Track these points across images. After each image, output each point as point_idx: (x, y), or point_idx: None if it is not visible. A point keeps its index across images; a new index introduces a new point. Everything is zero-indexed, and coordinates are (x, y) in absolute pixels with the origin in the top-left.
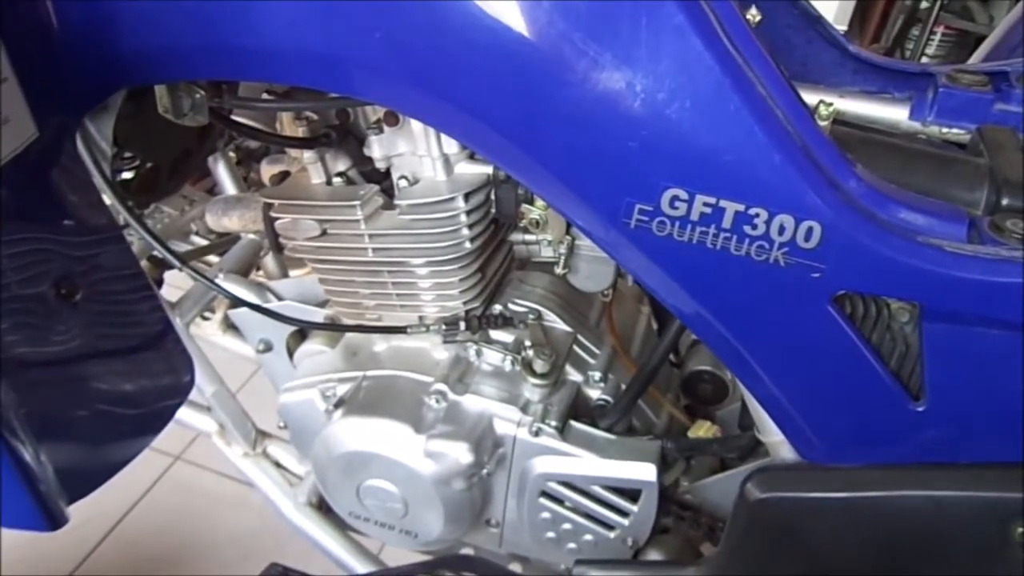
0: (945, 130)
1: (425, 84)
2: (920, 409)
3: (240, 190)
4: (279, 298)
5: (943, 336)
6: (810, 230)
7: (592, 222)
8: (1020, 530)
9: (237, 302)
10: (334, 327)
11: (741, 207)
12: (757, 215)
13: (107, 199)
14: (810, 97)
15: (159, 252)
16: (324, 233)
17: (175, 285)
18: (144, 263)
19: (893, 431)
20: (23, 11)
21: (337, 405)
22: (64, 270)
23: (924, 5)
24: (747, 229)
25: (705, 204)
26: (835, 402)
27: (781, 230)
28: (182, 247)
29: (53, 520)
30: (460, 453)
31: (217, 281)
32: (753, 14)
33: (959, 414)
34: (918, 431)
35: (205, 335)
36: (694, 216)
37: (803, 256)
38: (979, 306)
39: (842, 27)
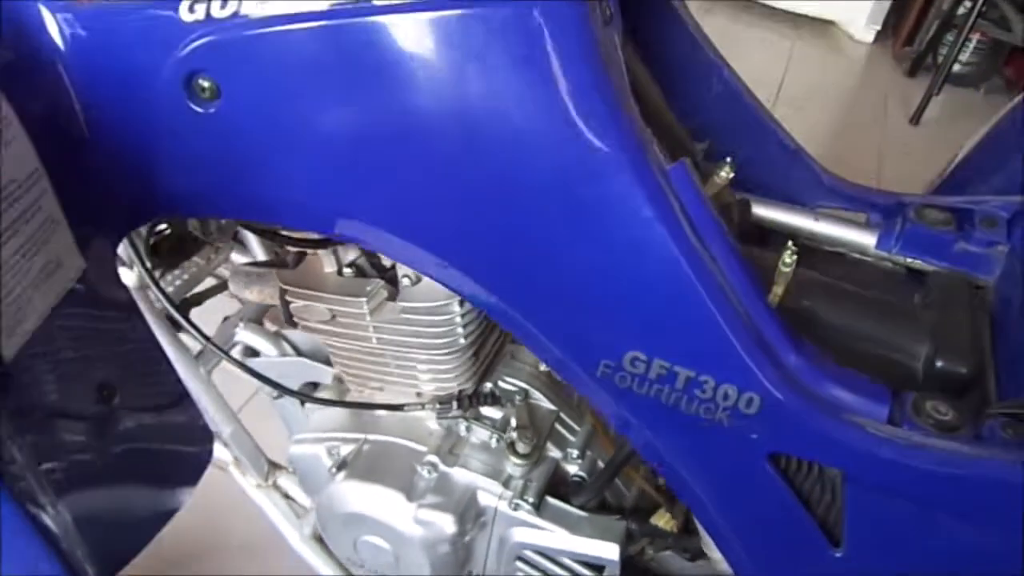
0: (910, 260)
1: (427, 246)
2: (838, 555)
3: (268, 253)
4: (295, 348)
5: (861, 498)
6: (750, 400)
7: (562, 367)
8: None
9: (255, 376)
10: (339, 404)
11: (692, 374)
12: (706, 382)
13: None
14: (793, 218)
15: (192, 333)
16: (333, 318)
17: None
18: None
19: (813, 570)
20: (65, 155)
21: (340, 467)
22: (105, 377)
23: (961, 11)
24: (696, 392)
25: (661, 367)
26: (766, 540)
27: (726, 396)
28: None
29: None
30: (446, 523)
31: (237, 331)
32: (726, 173)
33: (870, 566)
34: (834, 573)
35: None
36: (652, 375)
37: (744, 420)
38: (892, 481)
39: (876, 27)
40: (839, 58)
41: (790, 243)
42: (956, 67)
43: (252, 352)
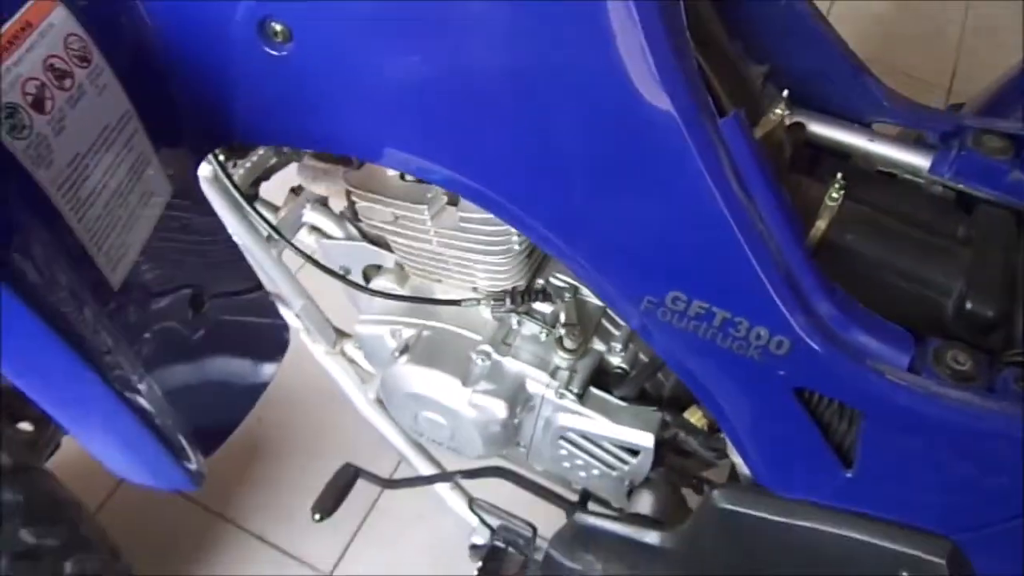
0: (962, 186)
1: (490, 187)
2: (848, 475)
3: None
4: (360, 231)
5: (875, 433)
6: (780, 343)
7: (611, 299)
8: (905, 575)
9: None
10: (401, 298)
11: (728, 315)
12: (740, 323)
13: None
14: (849, 137)
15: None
16: (396, 219)
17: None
18: None
19: (825, 485)
20: (149, 90)
21: (402, 351)
22: (196, 289)
23: None
24: (731, 331)
25: (700, 307)
26: (785, 457)
27: (758, 337)
28: None
29: (196, 479)
30: (498, 408)
31: (304, 211)
32: (781, 110)
33: (878, 487)
34: (844, 489)
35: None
36: (691, 313)
37: (773, 359)
38: (905, 424)
39: None
40: None
41: (839, 176)
42: None
43: (319, 231)
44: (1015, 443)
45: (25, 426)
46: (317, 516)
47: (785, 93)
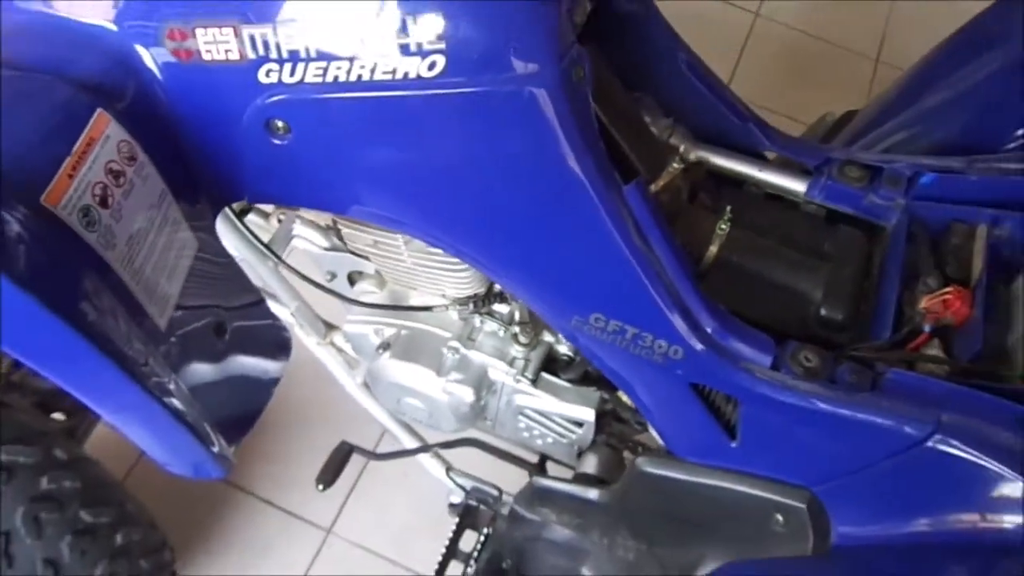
0: (830, 206)
1: (446, 241)
2: (734, 445)
3: None
4: (344, 242)
5: (749, 414)
6: (676, 350)
7: (547, 318)
8: (779, 519)
9: (309, 281)
10: (381, 307)
11: (637, 331)
12: (646, 336)
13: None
14: (743, 167)
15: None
16: (375, 243)
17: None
18: None
19: (718, 453)
20: (177, 168)
21: (384, 347)
22: (218, 312)
23: None
24: (640, 342)
25: (615, 325)
26: (687, 432)
27: (660, 346)
28: None
29: (226, 467)
30: (466, 394)
31: (293, 227)
32: (677, 164)
33: (756, 454)
34: (731, 455)
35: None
36: (610, 329)
37: (672, 362)
38: (768, 408)
39: None
40: None
41: (728, 209)
42: None
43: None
44: (845, 420)
45: (58, 416)
46: (320, 487)
47: (682, 148)
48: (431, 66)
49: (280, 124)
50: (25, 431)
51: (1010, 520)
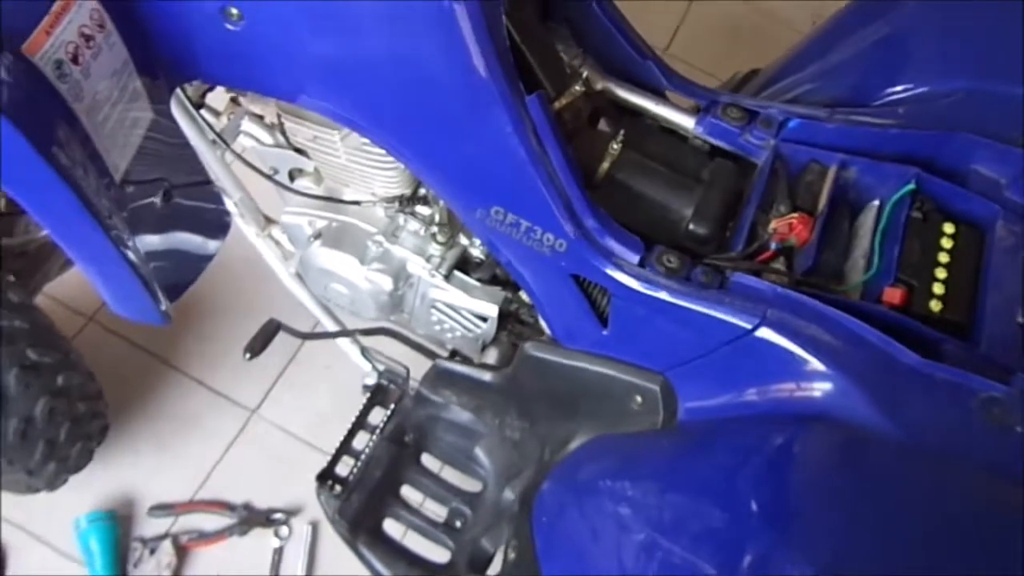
0: (713, 141)
1: (373, 128)
2: (605, 332)
3: None
4: (287, 140)
5: (618, 305)
6: (560, 243)
7: (457, 209)
8: (638, 399)
9: (250, 167)
10: (317, 197)
11: (530, 224)
12: (537, 230)
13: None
14: (642, 101)
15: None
16: (315, 138)
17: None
18: None
19: (592, 339)
20: (138, 45)
21: (316, 236)
22: (168, 181)
23: None
24: (532, 235)
25: (512, 218)
26: (567, 320)
27: (548, 239)
28: None
29: (165, 316)
30: (385, 282)
31: (242, 122)
32: (579, 87)
33: (621, 340)
34: (603, 342)
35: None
36: (508, 221)
37: (556, 254)
38: (631, 299)
39: None
40: None
41: (621, 132)
42: None
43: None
44: (693, 313)
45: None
46: (248, 355)
47: (584, 73)
48: None
49: (235, 11)
50: None
51: (817, 393)
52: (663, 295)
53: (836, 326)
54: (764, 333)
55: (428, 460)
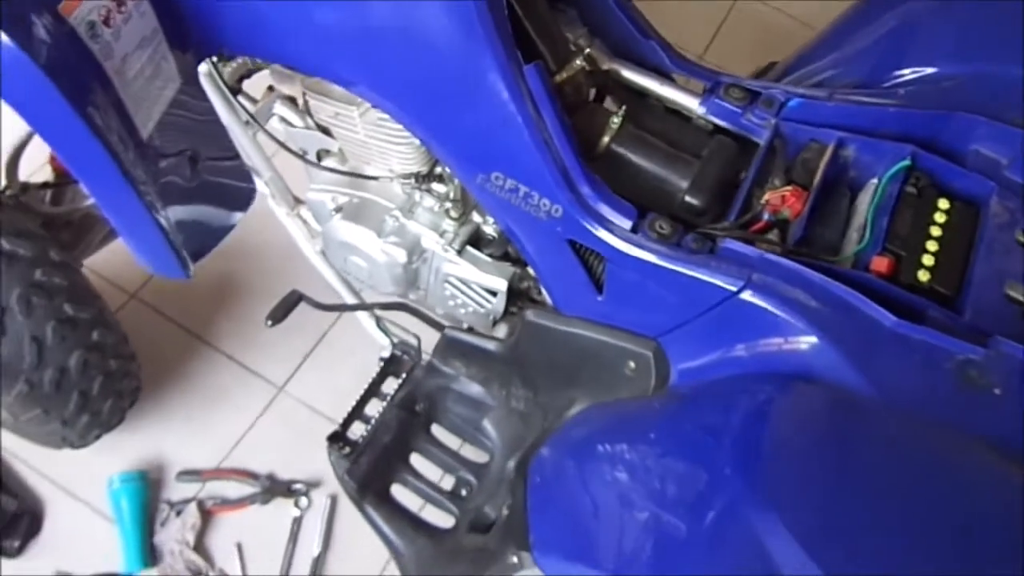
0: (716, 121)
1: (385, 96)
2: (599, 299)
3: None
4: (316, 122)
5: (613, 271)
6: (557, 209)
7: (461, 176)
8: (631, 365)
9: (280, 144)
10: (339, 171)
11: (528, 189)
12: (534, 195)
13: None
14: (647, 82)
15: (239, 109)
16: (336, 115)
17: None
18: None
19: (588, 305)
20: (168, 13)
21: (337, 211)
22: (194, 152)
23: None
24: (529, 200)
25: (512, 183)
26: (564, 285)
27: (544, 204)
28: None
29: (186, 271)
30: (400, 255)
31: (275, 105)
32: (580, 62)
33: (616, 305)
34: (598, 307)
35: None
36: (507, 187)
37: (552, 220)
38: (627, 263)
39: None
40: None
41: (622, 108)
42: None
43: (286, 121)
44: (682, 277)
45: None
46: (269, 322)
47: (586, 49)
48: None
49: None
50: (28, 231)
51: (798, 353)
52: (652, 258)
53: (818, 289)
54: (748, 296)
55: (437, 431)
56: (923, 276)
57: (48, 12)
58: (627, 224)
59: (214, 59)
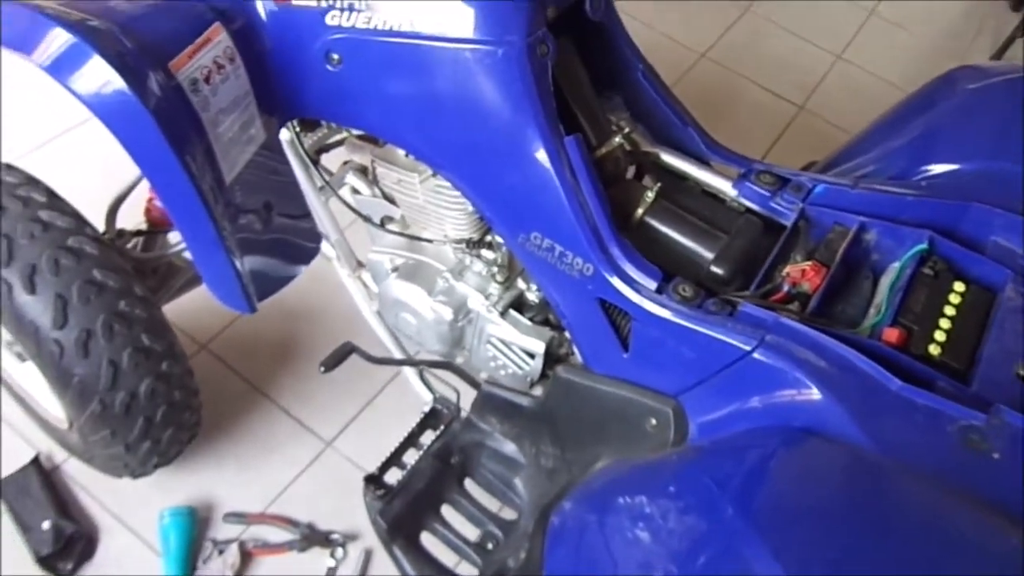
0: (747, 203)
1: (440, 162)
2: (625, 356)
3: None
4: (382, 192)
5: (638, 330)
6: (588, 267)
7: (503, 235)
8: (653, 421)
9: (349, 207)
10: (398, 233)
11: (563, 249)
12: (568, 254)
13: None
14: (686, 166)
15: (316, 174)
16: (399, 181)
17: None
18: None
19: (614, 363)
20: (259, 78)
21: (394, 270)
22: (268, 200)
23: None
24: (564, 259)
25: (549, 243)
26: (593, 343)
27: (577, 263)
28: None
29: (251, 307)
30: (447, 312)
31: (347, 175)
32: (619, 140)
33: (640, 363)
34: (623, 365)
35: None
36: (544, 246)
37: (584, 278)
38: (651, 322)
39: None
40: None
41: (657, 185)
42: None
43: (356, 190)
44: (701, 336)
45: None
46: (322, 369)
47: (626, 130)
48: (442, 27)
49: (335, 56)
50: (118, 266)
51: (807, 410)
52: (673, 317)
53: (827, 352)
54: (761, 355)
55: (470, 485)
56: (934, 350)
57: (161, 68)
58: (653, 285)
59: (296, 127)
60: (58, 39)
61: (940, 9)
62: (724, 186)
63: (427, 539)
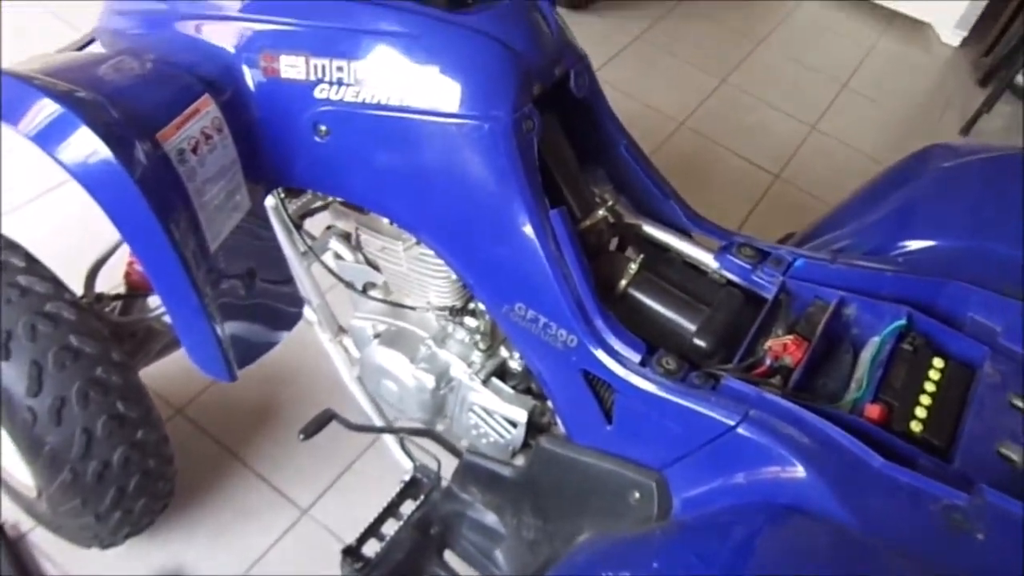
0: (728, 275)
1: (421, 231)
2: (609, 428)
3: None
4: (366, 258)
5: (621, 402)
6: (573, 339)
7: (487, 305)
8: (636, 495)
9: (332, 274)
10: (381, 300)
11: (547, 320)
12: (552, 325)
13: (280, 226)
14: (668, 238)
15: (299, 239)
16: (383, 248)
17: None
18: None
19: (598, 435)
20: (246, 149)
21: (376, 337)
22: (251, 266)
23: None
24: (548, 330)
25: (532, 314)
26: (576, 414)
27: (561, 334)
28: None
29: (232, 375)
30: (429, 381)
31: (330, 241)
32: (603, 212)
33: (623, 435)
34: (606, 437)
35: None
36: (528, 317)
37: (568, 349)
38: (635, 397)
39: (963, 32)
40: (921, 58)
41: (640, 257)
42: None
43: (339, 255)
44: (684, 409)
45: None
46: (301, 436)
47: (610, 202)
48: (429, 102)
49: (323, 128)
50: (95, 332)
51: (790, 487)
52: (657, 390)
53: (810, 428)
54: (745, 430)
55: (449, 556)
56: (916, 427)
57: (148, 139)
58: (636, 357)
59: (281, 194)
60: (45, 109)
61: (909, 84)
62: (706, 258)
63: None
